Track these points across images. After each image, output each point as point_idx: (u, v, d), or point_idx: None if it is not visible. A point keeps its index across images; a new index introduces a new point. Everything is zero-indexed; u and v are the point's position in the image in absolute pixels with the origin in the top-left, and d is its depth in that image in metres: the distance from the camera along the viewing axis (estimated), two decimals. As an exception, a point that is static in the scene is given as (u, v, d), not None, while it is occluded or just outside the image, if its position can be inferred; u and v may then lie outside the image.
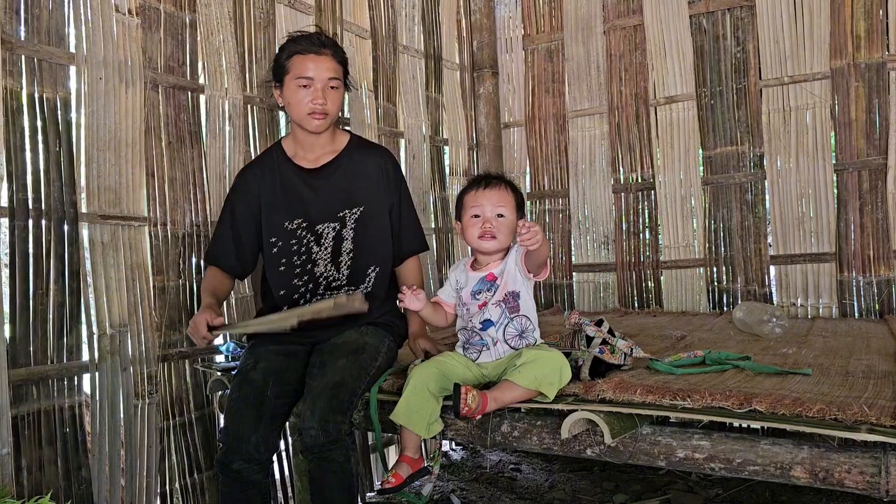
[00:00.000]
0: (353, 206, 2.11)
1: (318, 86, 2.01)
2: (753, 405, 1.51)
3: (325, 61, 2.02)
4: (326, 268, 2.10)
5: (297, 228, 2.09)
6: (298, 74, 2.00)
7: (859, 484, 1.39)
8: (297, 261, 2.09)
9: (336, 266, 2.11)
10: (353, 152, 2.17)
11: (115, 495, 2.16)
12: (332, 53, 2.05)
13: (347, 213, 2.11)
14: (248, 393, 1.89)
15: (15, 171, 1.95)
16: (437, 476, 1.95)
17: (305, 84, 2.00)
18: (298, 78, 2.00)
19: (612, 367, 1.95)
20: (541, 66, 4.05)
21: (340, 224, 2.11)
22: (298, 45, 2.03)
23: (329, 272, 2.10)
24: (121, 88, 2.21)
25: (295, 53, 2.02)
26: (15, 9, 1.95)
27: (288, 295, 2.10)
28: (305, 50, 2.01)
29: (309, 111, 2.02)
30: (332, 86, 2.04)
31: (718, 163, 3.54)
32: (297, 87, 2.01)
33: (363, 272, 2.13)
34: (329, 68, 2.03)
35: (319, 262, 2.10)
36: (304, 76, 2.00)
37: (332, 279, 2.11)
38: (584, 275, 3.92)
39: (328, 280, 2.11)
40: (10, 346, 1.91)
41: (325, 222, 2.10)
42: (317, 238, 2.09)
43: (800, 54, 3.34)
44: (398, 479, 1.79)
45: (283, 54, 2.05)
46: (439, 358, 1.88)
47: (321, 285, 2.10)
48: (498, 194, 1.87)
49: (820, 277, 3.31)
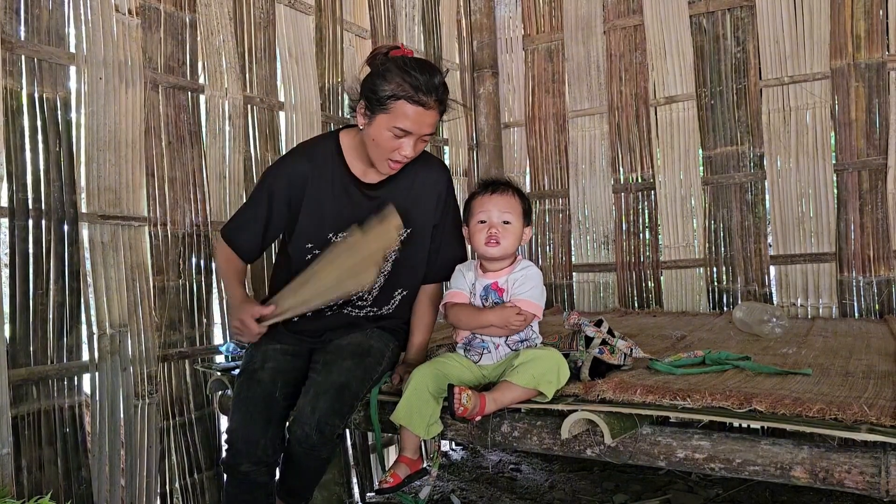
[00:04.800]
0: (402, 228, 1.94)
1: (412, 139, 1.81)
2: (753, 405, 1.51)
3: (428, 117, 1.80)
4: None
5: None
6: (398, 124, 1.78)
7: (859, 484, 1.39)
8: None
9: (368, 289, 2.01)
10: (412, 169, 1.97)
11: (115, 495, 2.16)
12: (437, 107, 1.81)
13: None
14: (257, 394, 1.85)
15: (15, 171, 1.95)
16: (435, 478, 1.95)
17: (400, 136, 1.80)
18: (396, 127, 1.78)
19: (611, 367, 1.95)
20: (541, 66, 4.05)
21: None
22: (408, 85, 1.75)
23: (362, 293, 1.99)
24: (121, 88, 2.21)
25: (402, 98, 1.76)
26: (15, 9, 1.95)
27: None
28: (414, 99, 1.76)
29: (393, 159, 1.84)
30: (424, 139, 1.85)
31: (718, 163, 3.54)
32: (388, 131, 1.79)
33: (390, 293, 2.04)
34: (430, 124, 1.82)
35: None
36: (402, 128, 1.78)
37: (362, 299, 2.01)
38: (583, 275, 3.92)
39: (358, 298, 1.99)
40: (10, 346, 1.91)
41: None
42: None
43: (800, 54, 3.34)
44: (396, 480, 1.79)
45: (387, 87, 1.77)
46: (439, 359, 1.88)
47: (350, 302, 1.99)
48: (505, 201, 1.86)
49: (820, 277, 3.31)
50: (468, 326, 1.86)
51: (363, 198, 1.96)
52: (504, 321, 1.78)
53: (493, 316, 1.80)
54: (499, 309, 1.81)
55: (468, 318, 1.85)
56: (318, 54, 2.97)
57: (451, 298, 1.91)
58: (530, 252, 4.06)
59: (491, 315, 1.81)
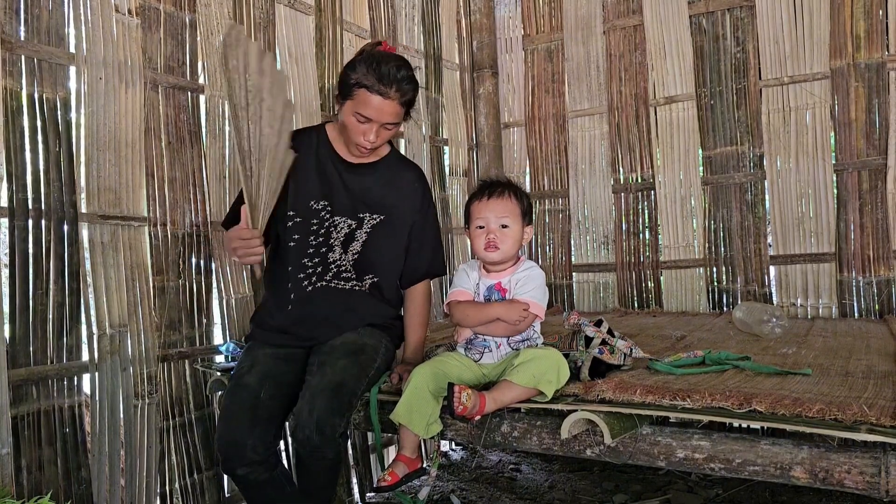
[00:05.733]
0: (375, 212, 2.09)
1: (373, 126, 1.95)
2: (753, 405, 1.51)
3: (389, 106, 1.93)
4: (339, 256, 2.08)
5: (321, 209, 2.06)
6: (359, 110, 1.93)
7: (859, 484, 1.39)
8: (313, 241, 2.06)
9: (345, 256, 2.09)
10: (391, 163, 2.16)
11: (115, 495, 2.16)
12: (398, 98, 1.94)
13: (368, 216, 2.09)
14: (241, 398, 1.87)
15: (15, 171, 1.95)
16: (435, 478, 1.95)
17: (362, 121, 1.95)
18: (357, 113, 1.94)
19: (611, 367, 1.95)
20: (541, 66, 4.05)
21: (357, 224, 2.09)
22: (371, 78, 1.90)
23: (341, 260, 2.08)
24: (121, 88, 2.21)
25: (363, 87, 1.91)
26: (15, 9, 1.95)
27: (294, 274, 2.05)
28: (374, 89, 1.90)
29: (358, 143, 1.99)
30: (387, 128, 1.99)
31: (718, 163, 3.54)
32: (353, 117, 1.95)
33: (363, 273, 2.12)
34: (391, 113, 1.95)
35: (336, 248, 2.07)
36: (363, 114, 1.93)
37: (342, 268, 2.09)
38: (583, 275, 3.92)
39: (339, 268, 2.09)
40: (10, 346, 1.91)
41: (343, 216, 2.08)
42: (334, 226, 2.08)
43: (799, 54, 3.34)
44: (394, 478, 1.80)
45: (353, 76, 1.93)
46: (440, 358, 1.88)
47: (331, 271, 2.08)
48: (502, 205, 1.87)
49: (820, 277, 3.31)
50: (475, 321, 1.85)
51: (345, 171, 2.10)
52: (510, 314, 1.79)
53: (500, 308, 1.81)
54: (507, 302, 1.82)
55: (475, 312, 1.85)
56: (318, 54, 2.97)
57: (456, 297, 1.91)
58: (531, 252, 4.06)
59: (498, 308, 1.82)
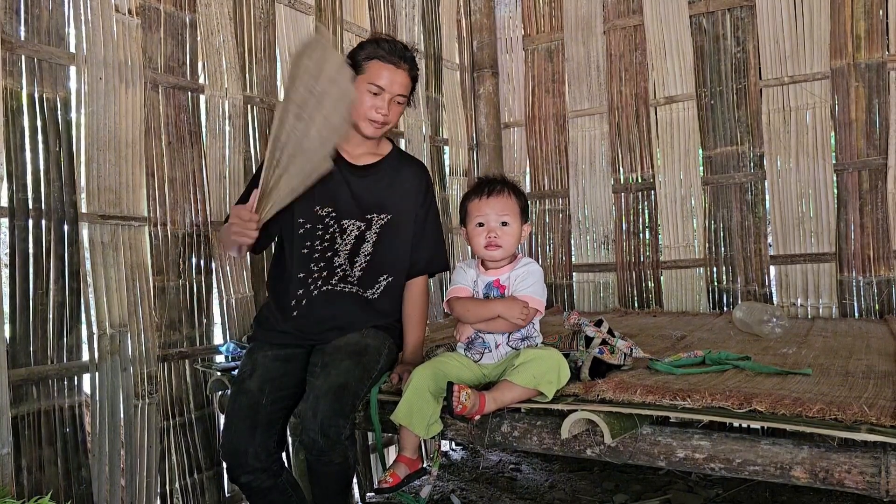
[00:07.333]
0: (382, 212, 2.10)
1: (386, 97, 2.02)
2: (753, 405, 1.50)
3: (400, 76, 2.03)
4: (344, 261, 2.08)
5: (325, 216, 2.07)
6: (372, 80, 2.01)
7: (859, 484, 1.39)
8: (318, 245, 2.07)
9: (351, 264, 2.09)
10: (393, 161, 2.17)
11: (115, 495, 2.16)
12: (408, 69, 2.06)
13: (376, 216, 2.10)
14: (242, 404, 1.87)
15: (15, 171, 1.95)
16: (435, 478, 1.95)
17: (375, 92, 2.01)
18: (370, 84, 2.01)
19: (611, 367, 1.95)
20: (541, 66, 4.05)
21: (366, 225, 2.09)
22: (381, 49, 2.03)
23: (345, 266, 2.09)
24: (121, 88, 2.21)
25: (375, 58, 2.02)
26: (15, 9, 1.95)
27: (303, 279, 2.06)
28: (386, 59, 2.02)
29: (370, 117, 2.03)
30: (398, 101, 2.06)
31: (718, 163, 3.54)
32: (366, 90, 2.01)
33: (375, 278, 2.11)
34: (402, 84, 2.04)
35: (341, 253, 2.08)
36: (376, 84, 2.01)
37: (346, 273, 2.09)
38: (583, 275, 3.92)
39: (343, 272, 2.09)
40: (10, 346, 1.91)
41: (352, 219, 2.08)
42: (341, 231, 2.08)
43: (800, 54, 3.34)
44: (395, 479, 1.79)
45: (363, 53, 2.04)
46: (440, 358, 1.88)
47: (336, 275, 2.08)
48: (501, 203, 1.87)
49: (820, 277, 3.31)
50: (475, 317, 1.85)
51: (350, 175, 2.09)
52: (511, 311, 1.78)
53: (501, 305, 1.81)
54: (507, 299, 1.82)
55: (475, 308, 1.85)
56: (318, 54, 2.96)
57: (455, 293, 1.91)
58: (530, 251, 4.06)
59: (498, 304, 1.82)
